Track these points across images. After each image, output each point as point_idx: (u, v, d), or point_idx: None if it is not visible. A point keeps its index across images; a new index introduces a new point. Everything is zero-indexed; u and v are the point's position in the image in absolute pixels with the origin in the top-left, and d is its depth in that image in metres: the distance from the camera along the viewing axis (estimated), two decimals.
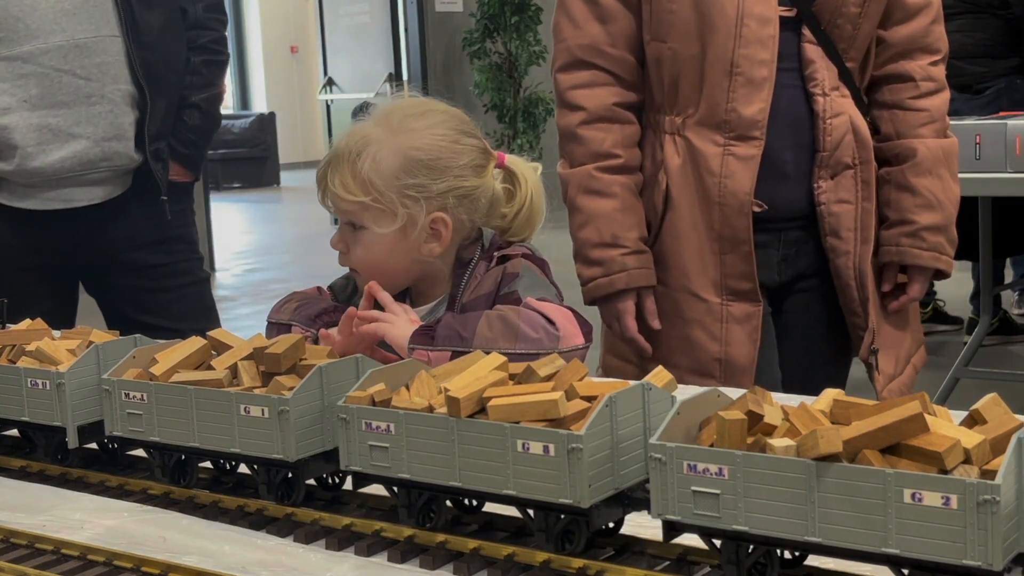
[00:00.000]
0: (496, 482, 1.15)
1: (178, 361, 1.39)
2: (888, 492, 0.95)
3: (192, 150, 2.89)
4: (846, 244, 2.27)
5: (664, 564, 1.13)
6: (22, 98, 2.60)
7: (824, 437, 0.98)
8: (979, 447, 0.97)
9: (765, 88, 2.18)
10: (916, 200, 2.30)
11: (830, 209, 2.26)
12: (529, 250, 1.94)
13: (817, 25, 2.22)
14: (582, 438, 1.09)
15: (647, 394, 1.17)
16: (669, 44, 2.23)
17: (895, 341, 2.36)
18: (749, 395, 1.09)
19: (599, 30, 2.27)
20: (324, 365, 1.31)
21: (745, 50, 2.16)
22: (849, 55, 2.26)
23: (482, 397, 1.17)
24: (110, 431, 1.43)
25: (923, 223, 2.30)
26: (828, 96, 2.23)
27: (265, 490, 1.32)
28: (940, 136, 2.34)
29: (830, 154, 2.24)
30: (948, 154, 2.34)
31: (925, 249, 2.30)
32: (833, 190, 2.26)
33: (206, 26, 2.89)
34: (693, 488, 1.04)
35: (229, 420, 1.31)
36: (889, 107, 2.34)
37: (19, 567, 1.23)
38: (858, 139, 2.26)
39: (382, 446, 1.21)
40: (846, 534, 0.98)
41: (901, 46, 2.32)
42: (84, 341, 1.54)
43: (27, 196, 2.67)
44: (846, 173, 2.26)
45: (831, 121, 2.23)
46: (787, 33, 2.20)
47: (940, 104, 2.35)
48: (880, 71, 2.34)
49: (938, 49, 2.35)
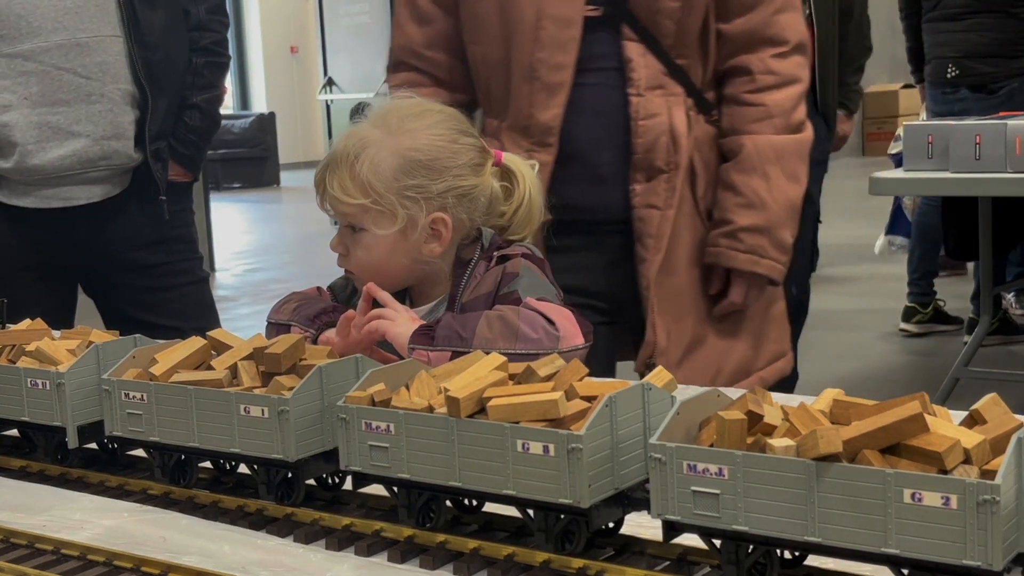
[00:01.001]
0: (496, 482, 1.15)
1: (178, 361, 1.39)
2: (888, 492, 0.95)
3: (192, 150, 2.90)
4: (646, 251, 2.19)
5: (664, 564, 1.13)
6: (23, 95, 2.61)
7: (824, 437, 0.98)
8: (979, 447, 0.97)
9: (561, 93, 2.13)
10: (737, 199, 2.21)
11: (639, 214, 2.18)
12: (529, 250, 1.94)
13: (636, 22, 2.15)
14: (582, 438, 1.09)
15: (647, 394, 1.17)
16: (479, 47, 2.20)
17: (721, 351, 2.27)
18: (749, 395, 1.09)
19: (417, 31, 2.26)
20: (324, 365, 1.31)
21: (542, 54, 2.12)
22: (678, 52, 2.18)
23: (482, 397, 1.17)
24: (110, 431, 1.43)
25: (741, 223, 2.21)
26: (643, 96, 2.16)
27: (265, 490, 1.32)
28: (778, 132, 2.22)
29: (643, 156, 2.17)
30: (783, 152, 2.22)
31: (742, 251, 2.21)
32: (645, 194, 2.18)
33: (208, 28, 2.90)
34: (693, 488, 1.04)
35: (229, 420, 1.31)
36: (728, 102, 2.26)
37: (19, 567, 1.23)
38: (674, 142, 2.18)
39: (382, 446, 1.21)
40: (846, 534, 0.98)
41: (741, 39, 2.24)
42: (84, 341, 1.54)
43: (26, 194, 2.68)
44: (659, 177, 2.18)
45: (643, 122, 2.16)
46: (604, 32, 2.15)
47: (782, 99, 2.23)
48: (722, 65, 2.26)
49: (784, 40, 2.24)
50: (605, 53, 2.15)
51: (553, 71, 2.11)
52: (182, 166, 2.89)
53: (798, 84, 2.26)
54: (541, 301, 1.79)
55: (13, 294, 2.59)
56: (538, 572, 1.14)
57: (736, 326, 2.29)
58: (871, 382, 5.33)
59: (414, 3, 2.26)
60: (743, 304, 2.26)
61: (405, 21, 2.28)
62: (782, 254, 2.24)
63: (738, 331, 2.29)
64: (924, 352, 6.00)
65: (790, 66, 2.25)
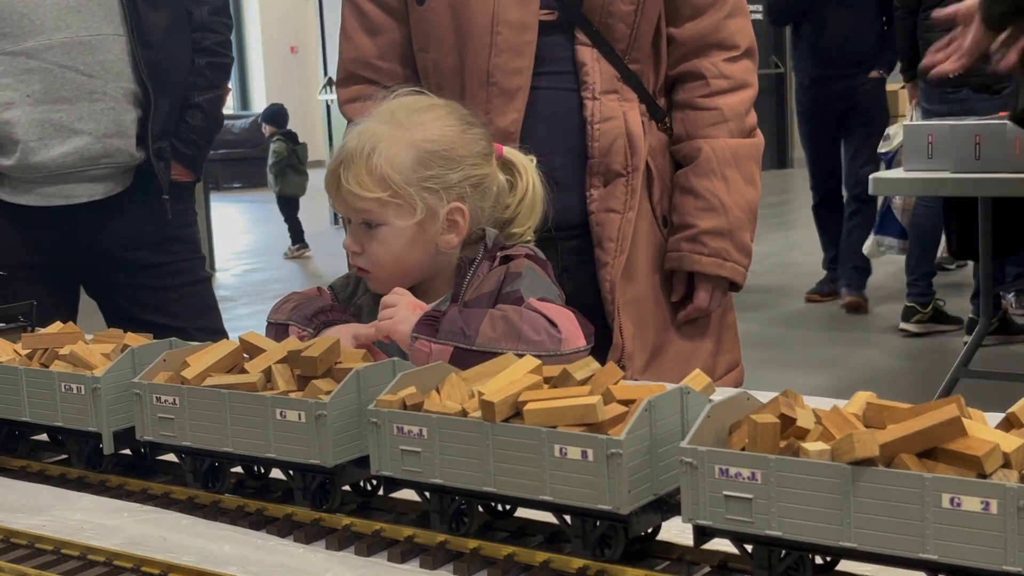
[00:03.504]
0: (532, 487, 1.14)
1: (210, 364, 1.39)
2: (925, 496, 0.94)
3: (194, 150, 2.92)
4: (606, 255, 2.18)
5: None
6: (25, 93, 2.62)
7: (860, 441, 0.97)
8: (1018, 451, 0.96)
9: (518, 97, 2.12)
10: (697, 203, 2.21)
11: (598, 219, 2.18)
12: (532, 251, 1.95)
13: (589, 26, 2.14)
14: (622, 443, 1.09)
15: (685, 398, 1.17)
16: (430, 54, 2.19)
17: (684, 358, 2.26)
18: (781, 398, 1.08)
19: (368, 43, 2.24)
20: (361, 369, 1.30)
21: (499, 59, 2.11)
22: (631, 56, 2.18)
23: (517, 401, 1.17)
24: (141, 435, 1.42)
25: (703, 227, 2.20)
26: (598, 100, 2.15)
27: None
28: (734, 136, 2.23)
29: (600, 160, 2.16)
30: (739, 155, 2.22)
31: (706, 255, 2.20)
32: (603, 199, 2.17)
33: (211, 29, 2.92)
34: (725, 493, 1.03)
35: (264, 425, 1.31)
36: (681, 107, 2.25)
37: (19, 567, 1.23)
38: (631, 145, 2.17)
39: (414, 451, 1.21)
40: (882, 539, 0.97)
41: (692, 44, 2.23)
42: (119, 345, 1.53)
43: (27, 192, 2.69)
44: (617, 181, 2.17)
45: (599, 126, 2.15)
46: (558, 36, 2.14)
47: (735, 103, 2.24)
48: (674, 71, 2.26)
49: (735, 45, 2.25)
50: (559, 57, 2.15)
51: (510, 76, 2.11)
52: (184, 166, 2.90)
53: (749, 88, 2.27)
54: (543, 302, 1.79)
55: (14, 293, 2.63)
56: (538, 572, 1.13)
57: (696, 334, 2.29)
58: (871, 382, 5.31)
59: (363, 13, 2.24)
60: (708, 308, 2.26)
61: (355, 32, 2.26)
62: (744, 257, 2.25)
63: (697, 339, 2.29)
64: (924, 352, 6.00)
65: (741, 70, 2.25)
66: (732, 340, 2.37)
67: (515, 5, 2.11)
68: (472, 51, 2.12)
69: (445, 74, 2.17)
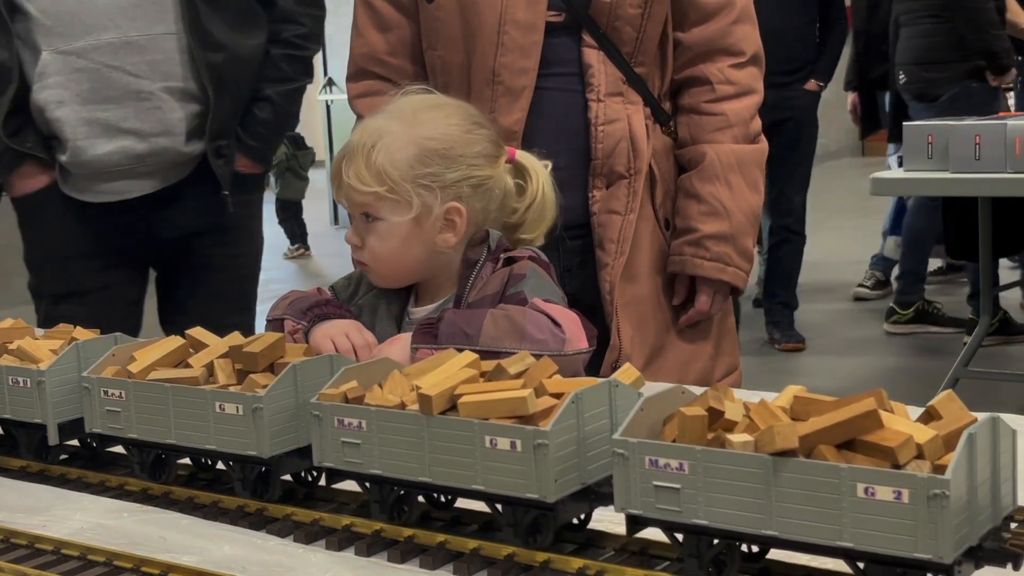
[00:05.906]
0: (465, 477, 1.17)
1: (156, 359, 1.41)
2: (842, 487, 0.97)
3: (260, 143, 2.88)
4: (607, 256, 2.19)
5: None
6: (74, 92, 2.64)
7: (780, 433, 1.00)
8: (932, 442, 0.98)
9: (523, 97, 2.13)
10: (701, 207, 2.22)
11: (600, 220, 2.19)
12: (535, 253, 1.95)
13: (596, 28, 2.16)
14: (548, 434, 1.11)
15: (613, 391, 1.19)
16: (438, 52, 2.20)
17: (683, 361, 2.27)
18: (711, 392, 1.10)
19: (379, 39, 2.25)
20: (298, 363, 1.32)
21: (505, 58, 2.12)
22: (637, 59, 2.19)
23: (453, 395, 1.19)
24: (90, 428, 1.44)
25: (706, 231, 2.21)
26: (603, 102, 2.16)
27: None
28: (738, 142, 2.25)
29: (603, 162, 2.17)
30: (743, 161, 2.24)
31: (708, 259, 2.21)
32: (606, 200, 2.18)
33: (294, 20, 2.86)
34: (655, 483, 1.06)
35: (205, 417, 1.33)
36: (687, 112, 2.27)
37: (19, 567, 1.24)
38: (634, 148, 2.18)
39: (354, 442, 1.23)
40: (803, 528, 0.99)
41: (698, 48, 2.24)
42: (66, 340, 1.55)
43: (86, 189, 2.72)
44: (620, 183, 2.18)
45: (603, 128, 2.16)
46: (565, 38, 2.16)
47: (741, 108, 2.25)
48: (680, 75, 2.27)
49: (740, 51, 2.26)
50: (565, 58, 2.16)
51: (516, 75, 2.12)
52: (249, 158, 2.87)
53: (755, 95, 2.28)
54: (547, 303, 1.80)
55: (81, 284, 2.73)
56: (538, 572, 1.15)
57: (695, 337, 2.30)
58: (871, 382, 5.34)
59: (375, 10, 2.26)
60: (710, 312, 2.27)
61: (366, 28, 2.27)
62: (746, 262, 2.26)
63: (697, 342, 2.30)
64: (924, 352, 6.01)
65: (747, 77, 2.26)
66: (731, 343, 2.38)
67: (523, 5, 2.12)
68: (479, 50, 2.13)
69: (452, 72, 2.18)
